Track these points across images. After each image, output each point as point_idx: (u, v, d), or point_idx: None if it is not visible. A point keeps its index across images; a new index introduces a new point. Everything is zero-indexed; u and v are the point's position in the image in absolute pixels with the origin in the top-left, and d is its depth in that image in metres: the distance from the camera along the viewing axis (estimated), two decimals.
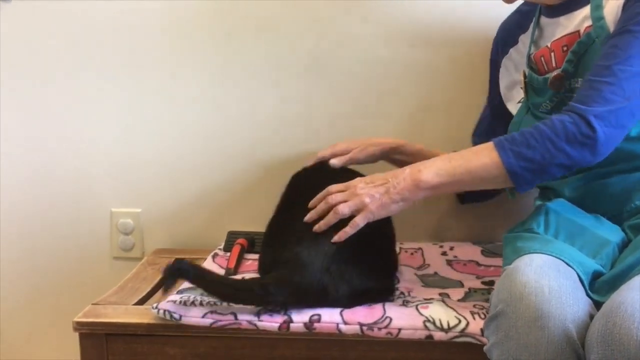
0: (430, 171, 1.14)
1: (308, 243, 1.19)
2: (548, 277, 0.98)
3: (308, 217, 1.21)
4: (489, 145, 1.12)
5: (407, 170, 1.16)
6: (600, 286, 1.03)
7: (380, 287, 1.25)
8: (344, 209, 1.17)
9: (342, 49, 1.58)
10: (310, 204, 1.23)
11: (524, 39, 1.36)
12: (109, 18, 1.60)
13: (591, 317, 0.96)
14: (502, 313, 0.98)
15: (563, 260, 1.04)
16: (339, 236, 1.17)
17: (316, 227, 1.19)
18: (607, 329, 0.89)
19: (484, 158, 1.11)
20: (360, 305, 1.20)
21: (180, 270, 1.18)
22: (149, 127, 1.64)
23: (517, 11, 1.40)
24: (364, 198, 1.16)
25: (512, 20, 1.42)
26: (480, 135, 1.48)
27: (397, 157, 1.46)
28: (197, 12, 1.59)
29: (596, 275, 1.06)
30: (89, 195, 1.68)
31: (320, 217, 1.20)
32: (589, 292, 1.02)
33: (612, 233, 1.14)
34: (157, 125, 1.64)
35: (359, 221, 1.17)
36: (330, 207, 1.19)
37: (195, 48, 1.60)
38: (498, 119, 1.44)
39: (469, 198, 1.53)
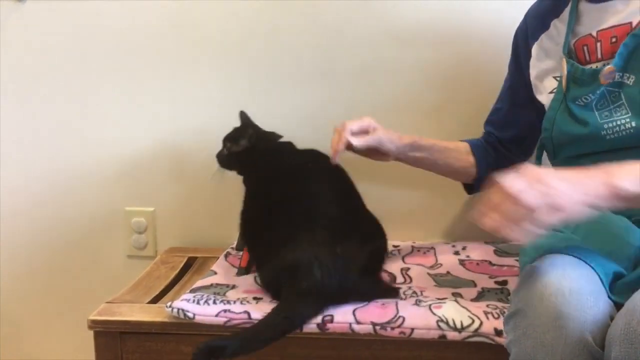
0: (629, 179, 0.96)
1: (308, 246, 1.21)
2: (570, 278, 0.97)
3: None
4: None
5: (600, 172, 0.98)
6: (621, 287, 1.02)
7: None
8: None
9: (352, 51, 1.58)
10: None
11: (558, 25, 1.27)
12: (119, 17, 1.61)
13: (611, 318, 0.95)
14: (522, 311, 0.97)
15: (585, 262, 1.03)
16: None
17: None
18: (630, 327, 0.88)
19: None
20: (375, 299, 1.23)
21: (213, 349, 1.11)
22: (162, 126, 1.65)
23: None
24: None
25: (544, 3, 1.32)
26: (495, 125, 1.42)
27: (414, 154, 1.36)
28: (210, 14, 1.59)
29: (617, 276, 1.05)
30: (102, 195, 1.69)
31: None
32: (609, 293, 1.00)
33: (634, 235, 1.12)
34: (171, 125, 1.65)
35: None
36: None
37: (209, 49, 1.61)
38: (519, 108, 1.37)
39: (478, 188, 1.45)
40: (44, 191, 1.70)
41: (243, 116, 1.48)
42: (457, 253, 1.50)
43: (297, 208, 1.27)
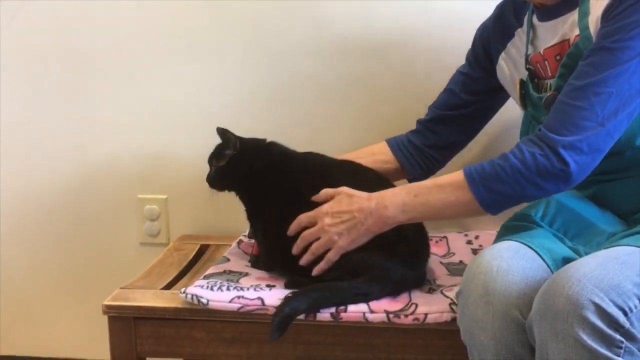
0: (396, 208, 1.14)
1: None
2: (501, 258, 1.03)
3: (295, 251, 1.23)
4: (459, 179, 1.10)
5: (373, 204, 1.16)
6: None
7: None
8: (318, 250, 1.21)
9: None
10: (289, 232, 1.25)
11: (521, 34, 1.27)
12: (131, 9, 1.62)
13: None
14: (460, 293, 1.06)
15: (530, 247, 1.07)
16: (317, 270, 1.21)
17: (302, 262, 1.23)
18: (547, 288, 0.95)
19: (451, 195, 1.11)
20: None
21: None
22: (174, 114, 1.66)
23: (512, 1, 1.30)
24: (333, 236, 1.19)
25: (508, 10, 1.30)
26: (441, 108, 1.40)
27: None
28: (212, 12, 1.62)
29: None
30: (116, 182, 1.70)
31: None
32: None
33: (610, 224, 1.15)
34: (183, 112, 1.66)
35: (332, 257, 1.20)
36: (307, 244, 1.22)
37: (215, 39, 1.62)
38: (467, 94, 1.38)
39: None
40: (57, 179, 1.71)
41: (222, 132, 1.37)
42: (469, 242, 1.50)
43: None
